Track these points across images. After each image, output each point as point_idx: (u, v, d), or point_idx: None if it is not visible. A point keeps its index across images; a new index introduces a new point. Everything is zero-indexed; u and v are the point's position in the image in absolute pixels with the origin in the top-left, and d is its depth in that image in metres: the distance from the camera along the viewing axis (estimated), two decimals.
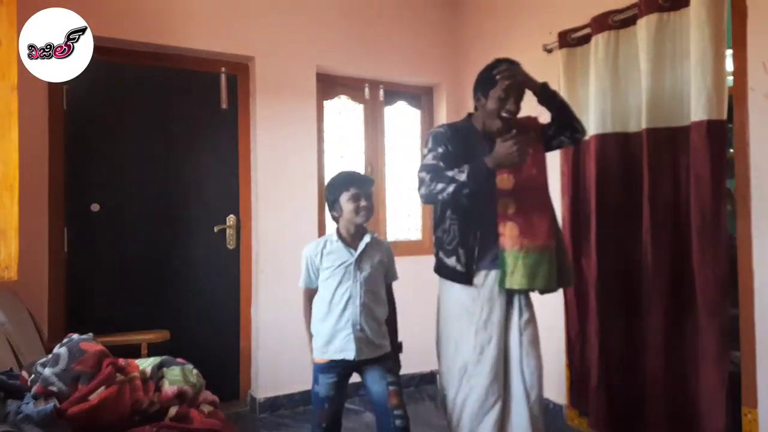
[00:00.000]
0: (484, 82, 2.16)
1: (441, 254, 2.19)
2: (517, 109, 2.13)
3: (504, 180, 2.11)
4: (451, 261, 2.13)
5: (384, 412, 2.04)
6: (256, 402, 3.21)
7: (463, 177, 1.97)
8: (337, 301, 2.06)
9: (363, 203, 2.08)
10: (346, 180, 2.13)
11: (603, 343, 2.54)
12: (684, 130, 2.27)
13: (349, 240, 2.12)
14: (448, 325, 2.20)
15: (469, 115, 2.28)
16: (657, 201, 2.35)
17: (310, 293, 2.16)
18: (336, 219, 2.16)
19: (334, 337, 2.05)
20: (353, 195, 2.07)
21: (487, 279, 2.12)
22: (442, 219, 2.17)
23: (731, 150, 2.26)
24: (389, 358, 2.14)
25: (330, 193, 2.15)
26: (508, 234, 2.07)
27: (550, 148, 2.25)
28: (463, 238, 2.11)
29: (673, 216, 2.32)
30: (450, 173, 2.00)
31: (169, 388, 1.71)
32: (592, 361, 2.59)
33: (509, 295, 2.13)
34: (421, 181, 2.08)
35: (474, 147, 2.13)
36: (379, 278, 2.14)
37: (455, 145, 2.12)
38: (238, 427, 2.00)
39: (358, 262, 2.08)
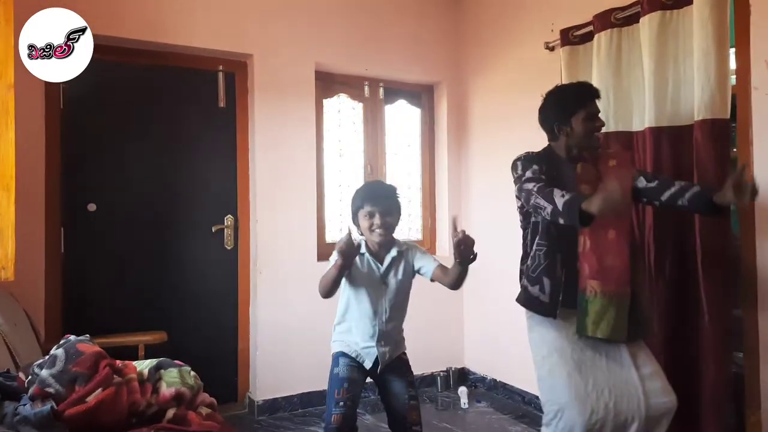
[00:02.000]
0: (562, 110, 2.03)
1: (525, 282, 2.07)
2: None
3: None
4: (535, 290, 2.01)
5: (402, 428, 2.01)
6: (254, 404, 3.19)
7: (561, 203, 1.79)
8: (362, 313, 2.03)
9: (377, 221, 1.98)
10: (363, 195, 2.04)
11: None
12: (687, 128, 2.26)
13: (375, 252, 2.05)
14: (538, 364, 2.04)
15: (549, 145, 2.14)
16: None
17: None
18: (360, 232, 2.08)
19: (358, 345, 2.05)
20: (368, 212, 1.99)
21: (572, 317, 1.97)
22: (531, 246, 2.04)
23: (734, 149, 2.25)
24: (409, 369, 2.11)
25: (352, 206, 2.08)
26: (582, 274, 1.95)
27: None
28: (550, 266, 1.98)
29: (676, 215, 2.30)
30: (555, 192, 1.82)
31: (166, 390, 1.69)
32: None
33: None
34: (529, 193, 1.91)
35: (560, 170, 2.03)
36: (404, 290, 2.09)
37: (543, 167, 2.00)
38: (236, 430, 1.98)
39: (384, 277, 2.04)
